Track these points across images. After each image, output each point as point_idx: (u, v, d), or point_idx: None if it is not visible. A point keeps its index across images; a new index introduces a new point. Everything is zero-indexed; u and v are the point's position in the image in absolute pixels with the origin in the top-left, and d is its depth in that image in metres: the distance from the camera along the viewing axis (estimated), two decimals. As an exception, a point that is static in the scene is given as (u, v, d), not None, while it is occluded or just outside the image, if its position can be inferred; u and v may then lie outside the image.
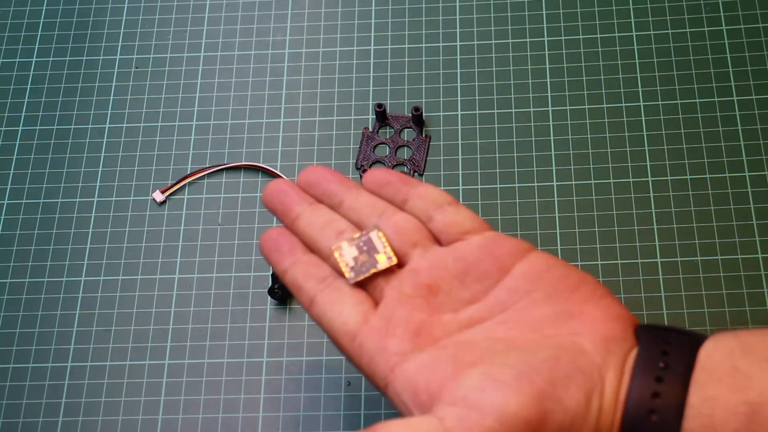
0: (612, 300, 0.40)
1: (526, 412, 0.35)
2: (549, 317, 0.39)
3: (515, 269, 0.40)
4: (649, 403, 0.35)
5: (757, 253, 0.55)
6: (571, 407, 0.36)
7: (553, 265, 0.40)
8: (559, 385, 0.36)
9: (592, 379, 0.36)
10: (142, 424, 0.53)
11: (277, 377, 0.54)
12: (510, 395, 0.35)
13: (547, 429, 0.35)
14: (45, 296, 0.57)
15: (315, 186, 0.45)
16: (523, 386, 0.36)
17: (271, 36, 0.65)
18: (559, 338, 0.38)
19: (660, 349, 0.37)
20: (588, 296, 0.39)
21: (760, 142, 0.58)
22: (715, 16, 0.62)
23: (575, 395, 0.36)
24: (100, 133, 0.62)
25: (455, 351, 0.38)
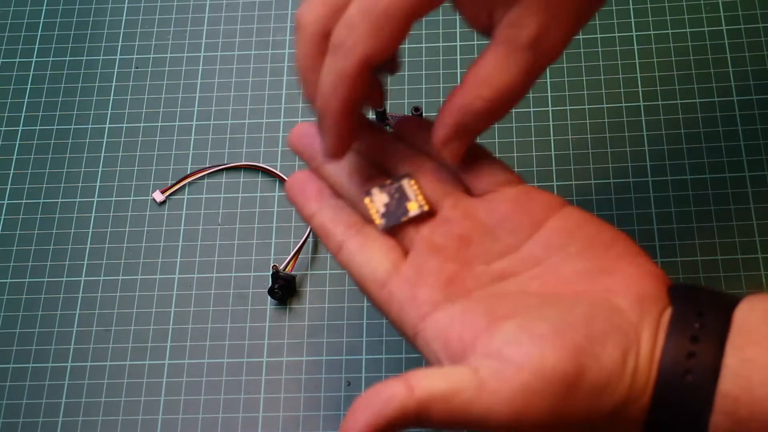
0: (646, 258, 0.39)
1: (563, 366, 0.34)
2: (582, 273, 0.38)
3: (549, 223, 0.40)
4: (685, 363, 0.35)
5: (757, 253, 0.55)
6: (607, 364, 0.35)
7: (588, 221, 0.40)
8: (596, 341, 0.35)
9: (629, 337, 0.36)
10: (142, 424, 0.53)
11: (277, 377, 0.54)
12: (547, 349, 0.35)
13: (583, 385, 0.35)
14: (45, 296, 0.57)
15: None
16: (561, 341, 0.35)
17: (271, 36, 0.65)
18: (594, 295, 0.37)
19: (695, 309, 0.36)
20: (622, 253, 0.39)
21: (760, 142, 0.58)
22: (715, 16, 0.62)
23: (612, 353, 0.35)
24: (100, 133, 0.62)
25: (488, 303, 0.38)
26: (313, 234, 0.58)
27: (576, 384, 0.34)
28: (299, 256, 0.57)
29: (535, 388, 0.34)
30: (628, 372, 0.35)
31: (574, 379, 0.34)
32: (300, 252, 0.57)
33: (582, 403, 0.35)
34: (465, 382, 0.35)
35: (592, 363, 0.35)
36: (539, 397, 0.34)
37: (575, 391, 0.35)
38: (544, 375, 0.34)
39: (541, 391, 0.34)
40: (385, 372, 0.53)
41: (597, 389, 0.35)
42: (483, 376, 0.35)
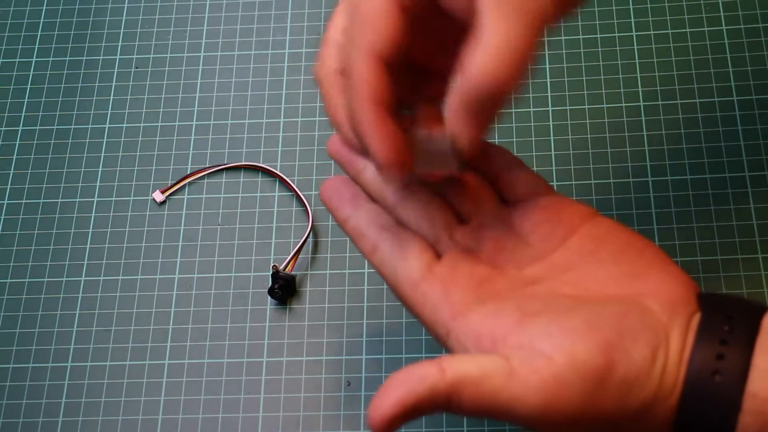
0: (676, 267, 0.39)
1: (594, 360, 0.35)
2: (614, 277, 0.39)
3: (581, 231, 0.40)
4: (714, 364, 0.35)
5: (757, 253, 0.55)
6: (637, 361, 0.35)
7: (619, 229, 0.40)
8: (627, 337, 0.36)
9: (659, 336, 0.36)
10: (142, 424, 0.53)
11: (277, 377, 0.54)
12: (579, 342, 0.35)
13: (613, 380, 0.35)
14: (45, 296, 0.57)
15: None
16: (592, 335, 0.36)
17: (271, 36, 0.65)
18: (625, 297, 0.38)
19: (724, 314, 0.37)
20: (653, 260, 0.39)
21: (760, 142, 0.58)
22: (715, 16, 0.62)
23: (642, 350, 0.36)
24: (100, 133, 0.62)
25: (520, 302, 0.38)
26: (313, 234, 0.58)
27: (606, 378, 0.35)
28: (299, 256, 0.57)
29: (566, 379, 0.35)
30: (657, 370, 0.36)
31: (605, 373, 0.35)
32: (300, 252, 0.57)
33: (611, 399, 0.35)
34: (496, 369, 0.35)
35: (623, 358, 0.35)
36: (569, 389, 0.35)
37: (605, 385, 0.35)
38: (575, 367, 0.35)
39: (572, 382, 0.35)
40: (385, 372, 0.53)
41: (626, 385, 0.35)
42: (514, 364, 0.35)
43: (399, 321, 0.55)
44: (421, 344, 0.54)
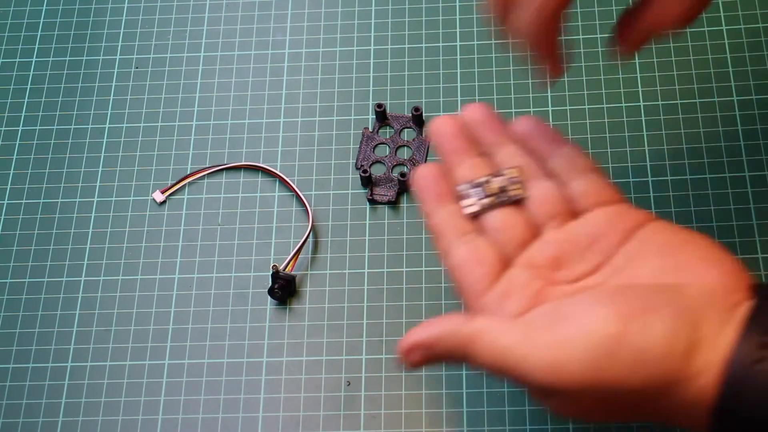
0: (723, 255, 0.40)
1: (607, 326, 0.37)
2: (657, 270, 0.40)
3: (633, 237, 0.41)
4: (757, 353, 0.35)
5: (757, 253, 0.55)
6: (654, 334, 0.36)
7: (667, 228, 0.42)
8: (649, 312, 0.37)
9: (686, 315, 0.37)
10: (142, 424, 0.53)
11: (277, 377, 0.54)
12: (598, 309, 0.37)
13: (626, 348, 0.36)
14: (45, 296, 0.57)
15: (475, 127, 0.46)
16: (613, 305, 0.37)
17: (271, 36, 0.65)
18: (664, 285, 0.39)
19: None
20: (699, 251, 0.40)
21: (760, 142, 0.58)
22: (715, 16, 0.62)
23: (662, 324, 0.36)
24: (100, 133, 0.62)
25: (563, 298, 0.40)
26: (313, 234, 0.58)
27: (616, 346, 0.36)
28: (299, 256, 0.57)
29: (574, 342, 0.37)
30: (678, 349, 0.36)
31: (616, 340, 0.36)
32: (300, 252, 0.57)
33: (623, 367, 0.36)
34: (516, 327, 0.38)
35: (639, 329, 0.36)
36: (577, 351, 0.36)
37: (615, 353, 0.36)
38: (584, 331, 0.37)
39: (578, 346, 0.37)
40: (384, 372, 0.53)
41: (639, 354, 0.36)
42: (533, 328, 0.38)
43: (399, 321, 0.55)
44: (421, 344, 0.54)
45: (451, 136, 0.45)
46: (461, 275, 0.42)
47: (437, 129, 0.46)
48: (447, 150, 0.45)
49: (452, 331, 0.39)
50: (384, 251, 0.57)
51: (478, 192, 0.44)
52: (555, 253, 0.42)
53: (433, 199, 0.44)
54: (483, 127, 0.46)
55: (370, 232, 0.58)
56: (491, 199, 0.43)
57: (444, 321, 0.40)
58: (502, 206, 0.44)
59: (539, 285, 0.41)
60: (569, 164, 0.44)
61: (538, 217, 0.43)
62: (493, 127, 0.46)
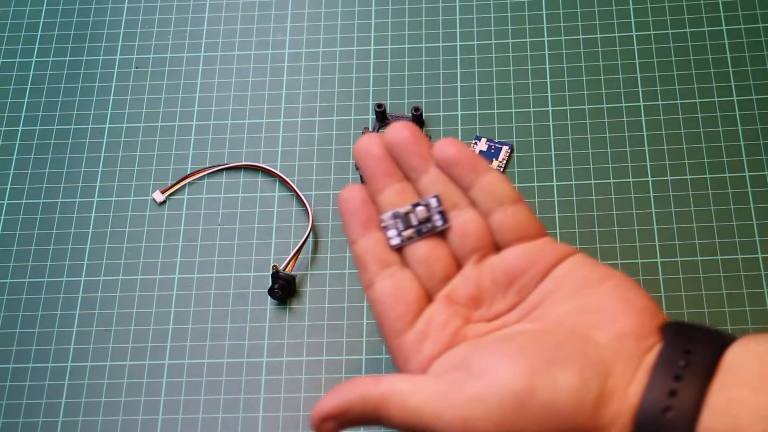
0: (638, 295, 0.40)
1: (514, 383, 0.36)
2: (570, 312, 0.39)
3: (552, 273, 0.41)
4: (666, 400, 0.35)
5: (757, 253, 0.55)
6: (562, 387, 0.36)
7: (584, 264, 0.41)
8: (556, 365, 0.37)
9: (594, 367, 0.37)
10: (142, 424, 0.53)
11: (277, 377, 0.54)
12: (504, 366, 0.37)
13: (534, 403, 0.36)
14: (45, 296, 0.57)
15: (398, 150, 0.44)
16: (519, 360, 0.37)
17: (271, 36, 0.65)
18: (575, 329, 0.38)
19: (683, 347, 0.37)
20: (613, 291, 0.40)
21: (760, 142, 0.58)
22: (715, 16, 0.62)
23: (570, 378, 0.36)
24: (100, 133, 0.62)
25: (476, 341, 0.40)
26: (313, 234, 0.58)
27: (526, 401, 0.36)
28: (299, 256, 0.57)
29: (483, 399, 0.37)
30: (587, 401, 0.36)
31: (525, 396, 0.36)
32: (300, 252, 0.57)
33: (532, 422, 0.36)
34: (426, 387, 0.38)
35: (546, 383, 0.36)
36: (485, 408, 0.36)
37: (525, 408, 0.36)
38: (493, 387, 0.37)
39: (490, 402, 0.36)
40: (384, 372, 0.53)
41: (548, 409, 0.36)
42: (443, 385, 0.38)
43: (399, 321, 0.55)
44: (421, 344, 0.54)
45: (378, 157, 0.44)
46: (381, 312, 0.42)
47: (364, 149, 0.44)
48: (373, 173, 0.44)
49: (361, 396, 0.39)
50: (384, 251, 0.57)
51: (401, 223, 0.43)
52: (473, 291, 0.42)
53: (358, 226, 0.43)
54: (407, 150, 0.44)
55: (370, 232, 0.58)
56: (414, 231, 0.43)
57: (351, 387, 0.39)
58: (425, 238, 0.43)
59: (457, 324, 0.41)
60: (490, 194, 0.43)
61: (460, 250, 0.43)
62: (418, 151, 0.44)
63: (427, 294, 0.42)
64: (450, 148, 0.43)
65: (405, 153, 0.44)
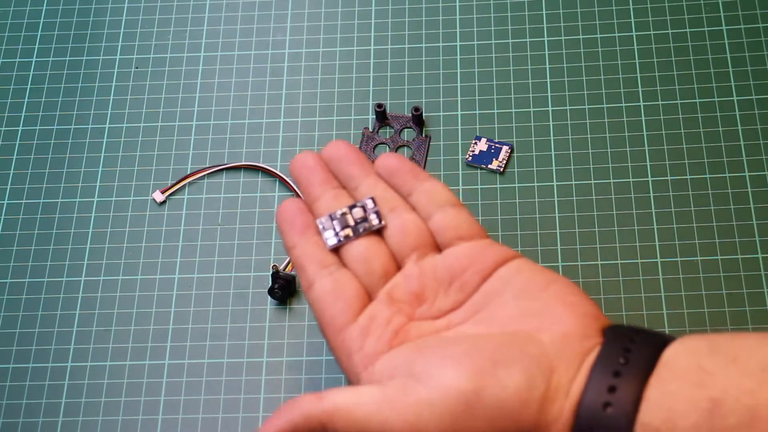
0: (581, 299, 0.40)
1: (460, 384, 0.37)
2: (515, 315, 0.40)
3: (495, 274, 0.42)
4: (605, 396, 0.36)
5: (757, 253, 0.55)
6: (509, 386, 0.37)
7: (526, 268, 0.42)
8: (501, 365, 0.37)
9: (539, 365, 0.37)
10: (142, 424, 0.53)
11: (277, 377, 0.54)
12: (450, 368, 0.37)
13: (481, 404, 0.36)
14: (45, 296, 0.57)
15: (336, 163, 0.46)
16: (464, 362, 0.37)
17: (271, 36, 0.65)
18: (519, 332, 0.39)
19: (623, 346, 0.37)
20: (557, 294, 0.40)
21: (760, 142, 0.58)
22: (715, 16, 0.62)
23: (515, 377, 0.37)
24: (100, 133, 0.62)
25: (420, 342, 0.40)
26: (313, 234, 0.58)
27: (473, 402, 0.36)
28: (299, 256, 0.57)
29: (430, 402, 0.37)
30: (533, 398, 0.37)
31: (472, 397, 0.36)
32: (300, 252, 0.56)
33: (481, 422, 0.37)
34: (370, 397, 0.38)
35: (492, 382, 0.37)
36: (433, 411, 0.37)
37: (473, 409, 0.36)
38: (440, 390, 0.37)
39: (437, 406, 0.37)
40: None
41: (496, 409, 0.36)
42: (388, 392, 0.38)
43: (399, 321, 0.55)
44: (421, 344, 0.54)
45: (312, 168, 0.45)
46: (321, 309, 0.42)
47: (298, 162, 0.45)
48: (308, 182, 0.45)
49: (305, 415, 0.39)
50: (384, 251, 0.57)
51: (338, 224, 0.44)
52: (416, 288, 0.42)
53: (295, 232, 0.44)
54: (345, 162, 0.45)
55: (370, 232, 0.58)
56: (350, 230, 0.43)
57: (293, 407, 0.39)
58: (361, 237, 0.43)
59: (400, 321, 0.41)
60: (430, 198, 0.44)
61: (399, 249, 0.43)
62: (357, 161, 0.45)
63: (368, 292, 0.43)
64: (392, 159, 0.45)
65: (344, 164, 0.45)
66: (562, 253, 0.56)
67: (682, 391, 0.35)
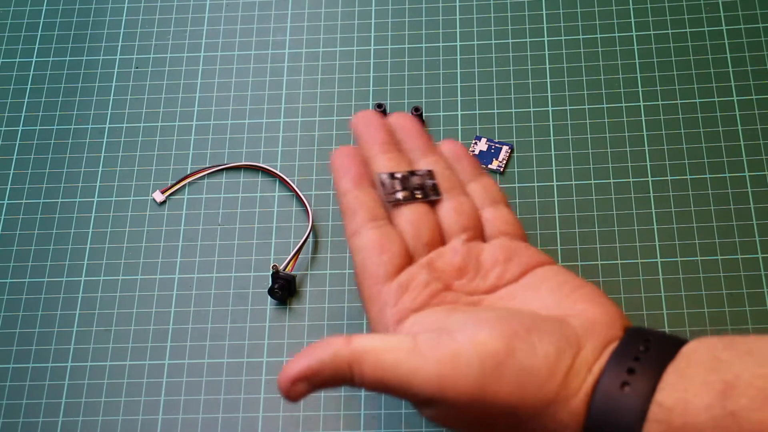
0: (609, 303, 0.42)
1: (494, 343, 0.37)
2: (548, 305, 0.41)
3: (532, 272, 0.43)
4: (624, 376, 0.37)
5: (757, 253, 0.55)
6: (539, 354, 0.37)
7: (562, 272, 0.43)
8: (534, 333, 0.38)
9: (569, 341, 0.38)
10: (142, 424, 0.53)
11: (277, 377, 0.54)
12: (484, 328, 0.38)
13: (511, 365, 0.37)
14: (45, 296, 0.57)
15: (402, 132, 0.46)
16: (500, 325, 0.38)
17: (271, 36, 0.65)
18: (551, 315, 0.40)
19: (642, 338, 0.39)
20: (588, 294, 0.42)
21: (760, 142, 0.58)
22: (715, 16, 0.62)
23: (547, 347, 0.38)
24: (100, 133, 0.62)
25: (456, 307, 0.41)
26: (313, 234, 0.58)
27: (504, 361, 0.37)
28: (299, 256, 0.57)
29: (463, 356, 0.37)
30: (560, 370, 0.37)
31: (503, 356, 0.37)
32: (300, 252, 0.57)
33: (508, 384, 0.37)
34: (401, 344, 0.38)
35: (525, 347, 0.37)
36: (465, 366, 0.37)
37: (503, 369, 0.37)
38: (473, 346, 0.37)
39: (469, 360, 0.37)
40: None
41: (525, 373, 0.37)
42: (420, 342, 0.38)
43: (399, 321, 0.55)
44: (421, 344, 0.54)
45: (377, 126, 0.46)
46: (364, 258, 0.42)
47: (362, 118, 0.46)
48: (371, 139, 0.45)
49: (333, 355, 0.38)
50: (384, 251, 0.57)
51: (398, 183, 0.44)
52: (459, 263, 0.43)
53: (350, 179, 0.44)
54: (411, 134, 0.46)
55: (370, 232, 0.58)
56: (408, 192, 0.44)
57: (323, 346, 0.38)
58: (417, 201, 0.44)
59: (438, 287, 0.42)
60: (485, 193, 0.46)
61: (449, 226, 0.44)
62: (421, 136, 0.46)
63: (410, 255, 0.43)
64: (458, 145, 0.47)
65: (410, 135, 0.46)
66: (562, 253, 0.56)
67: (696, 375, 0.36)
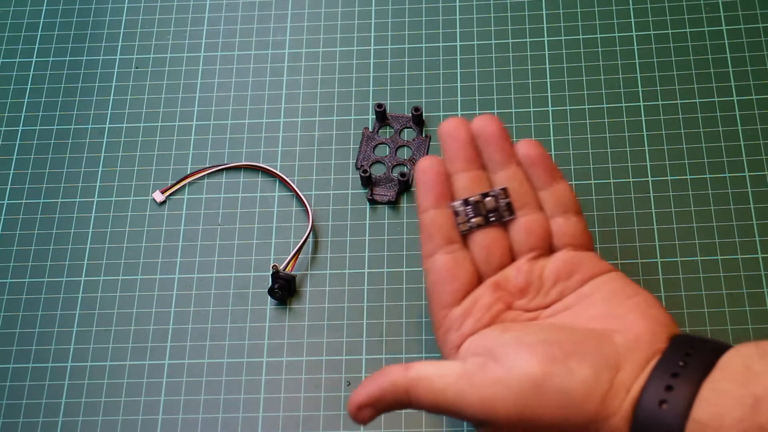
0: (658, 310, 0.43)
1: (532, 369, 0.40)
2: (597, 316, 0.43)
3: (590, 282, 0.45)
4: (663, 394, 0.39)
5: (757, 253, 0.55)
6: (577, 376, 0.40)
7: (618, 279, 0.45)
8: (573, 357, 0.40)
9: (608, 362, 0.40)
10: (142, 424, 0.53)
11: (277, 377, 0.54)
12: (525, 353, 0.41)
13: (549, 387, 0.40)
14: (45, 296, 0.57)
15: (484, 141, 0.47)
16: (539, 349, 0.41)
17: (271, 36, 0.65)
18: (598, 330, 0.42)
19: (684, 351, 0.40)
20: (639, 304, 0.43)
21: (760, 142, 0.58)
22: (715, 16, 0.62)
23: (584, 369, 0.40)
24: (100, 133, 0.62)
25: (506, 326, 0.44)
26: (313, 234, 0.58)
27: (541, 385, 0.40)
28: (299, 256, 0.57)
29: (503, 382, 0.40)
30: (598, 392, 0.40)
31: (540, 380, 0.40)
32: (300, 252, 0.57)
33: (548, 406, 0.40)
34: (450, 370, 0.42)
35: (561, 371, 0.40)
36: (505, 390, 0.40)
37: (541, 392, 0.40)
38: (513, 371, 0.40)
39: (508, 385, 0.40)
40: (385, 372, 0.53)
41: (562, 395, 0.39)
42: (468, 368, 0.42)
43: (399, 321, 0.55)
44: (421, 344, 0.54)
45: (463, 142, 0.47)
46: (435, 282, 0.45)
47: (451, 132, 0.47)
48: (454, 155, 0.47)
49: (392, 384, 0.42)
50: (384, 251, 0.57)
51: (471, 210, 0.46)
52: (522, 283, 0.45)
53: (431, 197, 0.46)
54: (493, 144, 0.47)
55: (370, 232, 0.58)
56: (482, 219, 0.46)
57: (383, 375, 0.43)
58: (491, 226, 0.46)
59: (499, 308, 0.45)
60: (558, 201, 0.47)
61: (519, 246, 0.46)
62: (502, 146, 0.47)
63: (479, 277, 0.46)
64: (535, 149, 0.47)
65: (491, 146, 0.47)
66: (562, 253, 0.56)
67: (730, 389, 0.38)
